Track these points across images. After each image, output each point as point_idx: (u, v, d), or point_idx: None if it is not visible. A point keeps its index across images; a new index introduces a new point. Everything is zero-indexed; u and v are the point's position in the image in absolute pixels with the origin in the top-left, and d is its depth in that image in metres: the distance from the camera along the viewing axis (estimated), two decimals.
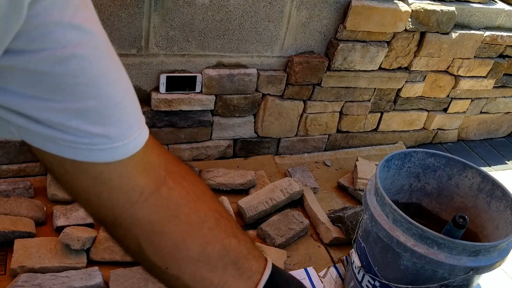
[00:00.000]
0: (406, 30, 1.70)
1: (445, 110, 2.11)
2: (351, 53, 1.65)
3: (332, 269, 1.39)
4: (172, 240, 0.49)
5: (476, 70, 1.96)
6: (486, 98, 2.17)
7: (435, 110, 2.09)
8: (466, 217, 1.04)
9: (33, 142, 0.42)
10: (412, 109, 2.03)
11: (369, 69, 1.75)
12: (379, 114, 1.98)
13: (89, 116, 0.41)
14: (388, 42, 1.72)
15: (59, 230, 1.25)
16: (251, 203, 1.48)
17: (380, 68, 1.78)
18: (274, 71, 1.64)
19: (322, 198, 1.65)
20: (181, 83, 1.52)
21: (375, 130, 2.03)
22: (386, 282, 1.12)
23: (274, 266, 0.55)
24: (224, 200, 1.48)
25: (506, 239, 1.01)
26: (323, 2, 1.56)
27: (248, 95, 1.64)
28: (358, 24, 1.59)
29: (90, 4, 0.41)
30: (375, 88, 1.85)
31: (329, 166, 1.86)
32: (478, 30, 1.86)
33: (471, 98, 2.12)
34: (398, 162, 1.25)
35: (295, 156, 1.88)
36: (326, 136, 1.92)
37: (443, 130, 2.19)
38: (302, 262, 1.40)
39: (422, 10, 1.67)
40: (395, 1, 1.65)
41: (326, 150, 1.97)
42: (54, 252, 1.20)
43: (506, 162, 2.20)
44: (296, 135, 1.85)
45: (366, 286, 1.19)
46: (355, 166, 1.76)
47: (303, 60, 1.62)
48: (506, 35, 1.89)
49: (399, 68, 1.84)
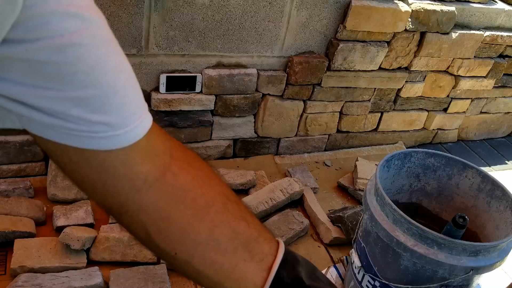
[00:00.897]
0: (406, 30, 1.70)
1: (445, 110, 2.11)
2: (351, 53, 1.65)
3: (332, 269, 1.39)
4: (179, 225, 0.49)
5: (476, 70, 1.96)
6: (486, 98, 2.17)
7: (435, 110, 2.09)
8: (466, 217, 1.04)
9: (35, 131, 0.43)
10: (412, 109, 2.03)
11: (369, 69, 1.75)
12: (379, 114, 1.98)
13: (89, 104, 0.41)
14: (388, 42, 1.72)
15: (59, 230, 1.25)
16: (251, 203, 1.48)
17: (380, 68, 1.78)
18: (274, 71, 1.64)
19: (322, 198, 1.65)
20: (181, 83, 1.52)
21: (375, 130, 2.03)
22: (386, 282, 1.12)
23: (287, 248, 0.54)
24: None
25: (506, 239, 1.01)
26: (323, 2, 1.56)
27: (248, 95, 1.64)
28: (358, 24, 1.59)
29: None
30: (375, 88, 1.85)
31: (329, 166, 1.86)
32: (478, 30, 1.86)
33: (471, 98, 2.12)
34: (398, 162, 1.25)
35: (295, 156, 1.88)
36: (326, 136, 1.92)
37: (443, 130, 2.19)
38: None
39: (422, 10, 1.67)
40: (395, 1, 1.65)
41: (326, 150, 1.97)
42: (54, 252, 1.20)
43: (506, 162, 2.20)
44: (296, 135, 1.85)
45: (366, 286, 1.19)
46: (355, 166, 1.76)
47: (303, 60, 1.62)
48: (506, 35, 1.89)
49: (399, 68, 1.84)
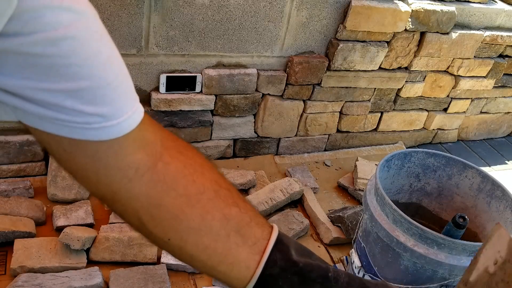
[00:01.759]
0: (406, 30, 1.70)
1: (445, 110, 2.11)
2: (351, 53, 1.65)
3: None
4: (171, 212, 0.50)
5: (476, 70, 1.96)
6: (486, 98, 2.17)
7: (435, 110, 2.09)
8: (466, 217, 1.04)
9: (30, 123, 0.44)
10: (412, 109, 2.03)
11: (369, 69, 1.75)
12: (379, 114, 1.98)
13: (82, 96, 0.42)
14: (388, 42, 1.72)
15: (59, 230, 1.25)
16: (251, 203, 1.48)
17: (380, 68, 1.78)
18: (274, 71, 1.64)
19: (322, 198, 1.65)
20: (181, 83, 1.52)
21: (375, 130, 2.03)
22: None
23: (280, 232, 0.55)
24: None
25: None
26: (323, 2, 1.56)
27: (248, 95, 1.64)
28: (358, 24, 1.59)
29: None
30: (375, 88, 1.85)
31: (329, 166, 1.86)
32: (478, 30, 1.86)
33: (471, 98, 2.12)
34: (398, 162, 1.25)
35: (295, 156, 1.88)
36: (326, 136, 1.92)
37: (443, 130, 2.19)
38: None
39: (422, 10, 1.67)
40: (395, 1, 1.65)
41: (326, 150, 1.97)
42: (54, 252, 1.20)
43: (506, 162, 2.20)
44: (296, 135, 1.85)
45: None
46: (355, 166, 1.76)
47: (303, 60, 1.62)
48: (506, 35, 1.89)
49: (399, 68, 1.84)
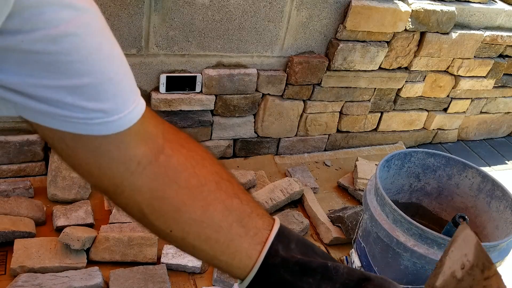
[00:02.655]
0: (406, 30, 1.70)
1: (445, 110, 2.11)
2: (351, 53, 1.65)
3: None
4: (173, 204, 0.51)
5: (476, 70, 1.96)
6: (486, 98, 2.17)
7: (435, 110, 2.09)
8: (466, 217, 1.04)
9: (32, 118, 0.44)
10: (412, 109, 2.03)
11: (369, 69, 1.75)
12: (379, 114, 1.98)
13: (84, 92, 0.42)
14: (388, 42, 1.72)
15: (59, 230, 1.25)
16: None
17: (380, 68, 1.78)
18: (274, 71, 1.64)
19: (322, 198, 1.65)
20: (181, 83, 1.52)
21: (375, 130, 2.03)
22: None
23: (282, 225, 0.56)
24: None
25: (506, 239, 1.01)
26: (323, 2, 1.56)
27: (248, 95, 1.64)
28: (358, 24, 1.59)
29: None
30: (375, 88, 1.85)
31: (329, 166, 1.86)
32: (478, 30, 1.86)
33: (471, 98, 2.12)
34: (398, 162, 1.25)
35: (295, 156, 1.88)
36: (326, 136, 1.92)
37: (443, 130, 2.19)
38: None
39: (422, 10, 1.67)
40: (395, 1, 1.65)
41: (326, 150, 1.97)
42: (54, 252, 1.20)
43: (506, 162, 2.20)
44: (296, 135, 1.85)
45: None
46: (355, 166, 1.76)
47: (303, 60, 1.62)
48: (506, 35, 1.89)
49: (399, 68, 1.84)
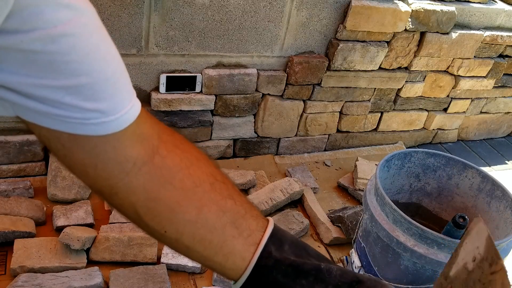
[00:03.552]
0: (406, 30, 1.70)
1: (445, 110, 2.11)
2: (351, 53, 1.65)
3: None
4: (167, 205, 0.51)
5: (476, 70, 1.96)
6: (486, 98, 2.17)
7: (435, 110, 2.09)
8: (466, 217, 1.04)
9: (28, 118, 0.44)
10: (412, 109, 2.03)
11: (369, 69, 1.75)
12: (379, 114, 1.98)
13: (81, 92, 0.42)
14: (388, 42, 1.72)
15: (59, 230, 1.25)
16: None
17: (380, 68, 1.78)
18: (274, 71, 1.64)
19: (322, 198, 1.65)
20: (181, 83, 1.52)
21: (375, 130, 2.03)
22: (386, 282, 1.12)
23: (276, 226, 0.56)
24: None
25: (506, 239, 1.01)
26: (323, 2, 1.56)
27: (248, 95, 1.64)
28: (358, 24, 1.59)
29: None
30: (375, 88, 1.85)
31: (329, 166, 1.86)
32: (478, 30, 1.86)
33: (471, 98, 2.12)
34: (398, 162, 1.25)
35: (295, 156, 1.88)
36: (326, 136, 1.92)
37: (443, 130, 2.19)
38: None
39: (422, 10, 1.67)
40: (395, 1, 1.65)
41: (326, 150, 1.97)
42: (54, 252, 1.20)
43: (506, 162, 2.20)
44: (296, 135, 1.85)
45: None
46: (355, 166, 1.76)
47: (303, 60, 1.62)
48: (506, 35, 1.89)
49: (399, 68, 1.84)
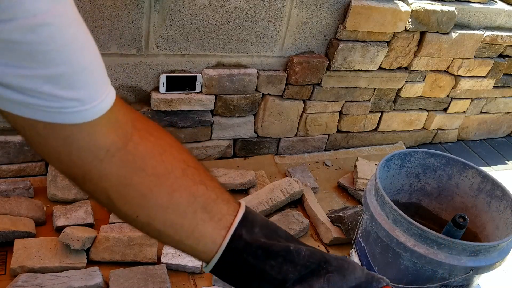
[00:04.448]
0: (406, 30, 1.70)
1: (445, 110, 2.11)
2: (351, 53, 1.65)
3: None
4: (139, 191, 0.52)
5: (476, 70, 1.96)
6: (486, 98, 2.17)
7: (435, 110, 2.09)
8: (466, 217, 1.04)
9: (4, 107, 0.44)
10: (412, 109, 2.03)
11: (369, 69, 1.75)
12: (379, 114, 1.98)
13: (60, 81, 0.43)
14: (388, 42, 1.72)
15: (59, 230, 1.25)
16: (251, 203, 1.48)
17: (380, 68, 1.78)
18: (274, 71, 1.64)
19: (322, 198, 1.65)
20: (181, 83, 1.52)
21: (375, 130, 2.03)
22: None
23: (248, 209, 0.58)
24: None
25: (506, 239, 1.01)
26: (323, 2, 1.56)
27: (248, 95, 1.64)
28: (358, 24, 1.59)
29: None
30: (375, 88, 1.85)
31: (329, 166, 1.86)
32: (478, 30, 1.86)
33: (471, 98, 2.12)
34: (398, 162, 1.25)
35: (295, 156, 1.88)
36: (326, 136, 1.92)
37: (443, 130, 2.19)
38: None
39: (422, 10, 1.67)
40: (395, 1, 1.65)
41: (326, 150, 1.97)
42: (54, 252, 1.20)
43: (506, 162, 2.20)
44: (296, 135, 1.85)
45: None
46: (355, 166, 1.76)
47: (303, 60, 1.62)
48: (506, 35, 1.89)
49: (399, 68, 1.84)
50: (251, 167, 1.71)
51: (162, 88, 1.50)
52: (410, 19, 1.67)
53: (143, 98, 1.52)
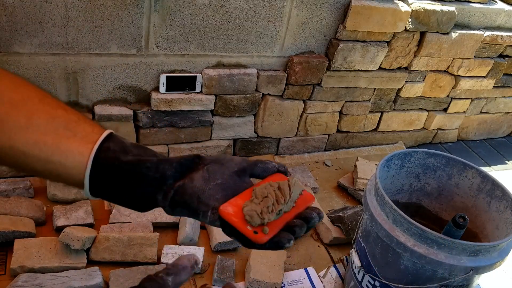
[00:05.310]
0: (406, 30, 1.70)
1: (445, 110, 2.11)
2: (351, 53, 1.65)
3: (332, 269, 1.39)
4: None
5: (476, 70, 1.96)
6: (486, 98, 2.17)
7: (435, 110, 2.09)
8: (466, 217, 1.04)
9: None
10: (412, 109, 2.03)
11: (369, 69, 1.75)
12: (379, 114, 1.98)
13: None
14: (388, 42, 1.72)
15: (59, 230, 1.25)
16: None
17: (380, 68, 1.78)
18: (274, 71, 1.64)
19: (322, 198, 1.65)
20: (181, 83, 1.52)
21: (375, 130, 2.03)
22: (386, 282, 1.12)
23: (115, 133, 0.59)
24: None
25: (506, 239, 1.01)
26: (323, 2, 1.56)
27: (248, 95, 1.64)
28: (358, 24, 1.59)
29: None
30: (375, 88, 1.85)
31: (329, 166, 1.86)
32: (478, 30, 1.86)
33: (471, 98, 2.12)
34: (398, 162, 1.25)
35: (295, 156, 1.88)
36: (326, 136, 1.92)
37: (443, 130, 2.19)
38: (302, 262, 1.40)
39: (422, 10, 1.67)
40: (395, 1, 1.65)
41: (326, 150, 1.97)
42: (54, 252, 1.20)
43: (506, 162, 2.20)
44: (296, 135, 1.85)
45: (366, 286, 1.19)
46: (355, 166, 1.76)
47: (303, 60, 1.62)
48: (506, 35, 1.90)
49: (399, 68, 1.84)
50: None
51: (162, 88, 1.50)
52: (410, 19, 1.67)
53: (143, 98, 1.52)
